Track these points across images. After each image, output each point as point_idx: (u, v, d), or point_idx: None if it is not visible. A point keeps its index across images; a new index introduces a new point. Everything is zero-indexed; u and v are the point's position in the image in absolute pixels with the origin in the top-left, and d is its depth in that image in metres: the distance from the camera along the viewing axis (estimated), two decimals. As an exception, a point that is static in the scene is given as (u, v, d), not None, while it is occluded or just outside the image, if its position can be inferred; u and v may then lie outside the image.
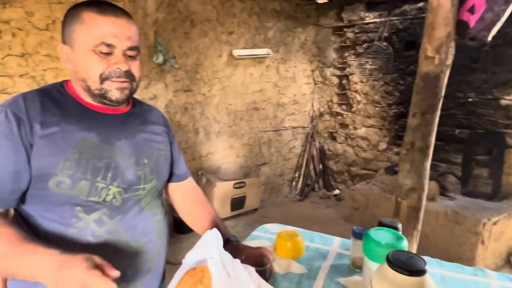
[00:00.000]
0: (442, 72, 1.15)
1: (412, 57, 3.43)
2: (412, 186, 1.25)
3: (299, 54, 4.34)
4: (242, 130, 4.07)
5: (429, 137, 1.20)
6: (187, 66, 3.54)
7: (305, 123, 4.59)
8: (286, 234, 1.28)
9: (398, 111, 3.64)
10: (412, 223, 1.28)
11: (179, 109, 3.59)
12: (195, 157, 3.78)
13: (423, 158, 1.22)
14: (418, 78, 1.21)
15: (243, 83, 3.97)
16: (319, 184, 4.56)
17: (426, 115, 1.20)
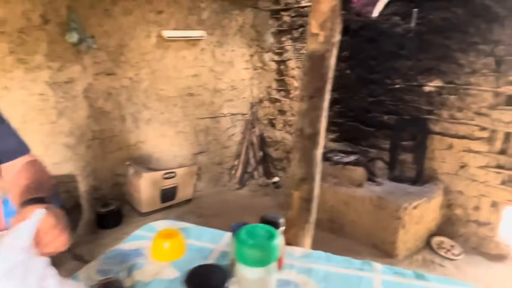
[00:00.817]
0: (328, 51, 1.05)
1: (346, 42, 3.38)
2: (303, 176, 1.17)
3: (236, 38, 4.16)
4: (176, 117, 3.85)
5: (318, 123, 1.11)
6: (109, 47, 3.24)
7: (244, 109, 4.46)
8: (164, 234, 1.15)
9: (332, 97, 3.61)
10: (304, 216, 1.20)
11: (101, 94, 3.29)
12: (122, 147, 3.52)
13: (313, 146, 1.13)
14: (306, 58, 1.11)
15: (175, 67, 3.73)
16: (259, 171, 4.48)
17: (314, 99, 1.11)
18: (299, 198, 1.19)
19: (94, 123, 3.29)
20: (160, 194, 3.35)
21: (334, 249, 2.86)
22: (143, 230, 1.30)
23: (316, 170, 1.16)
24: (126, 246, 1.18)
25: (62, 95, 3.05)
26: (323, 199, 3.09)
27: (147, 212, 3.34)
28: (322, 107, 1.07)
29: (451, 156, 2.92)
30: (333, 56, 1.04)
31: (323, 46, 1.04)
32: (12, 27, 2.69)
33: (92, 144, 3.31)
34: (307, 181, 1.17)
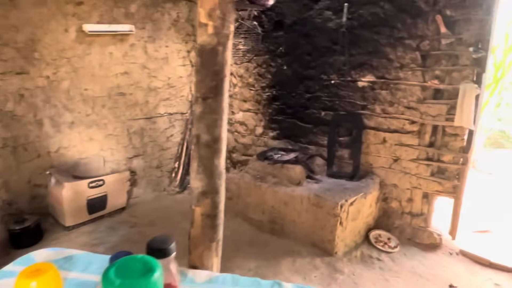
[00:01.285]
0: (220, 44, 0.92)
1: (281, 38, 3.31)
2: (203, 190, 1.02)
3: (171, 33, 3.92)
4: (105, 119, 3.54)
5: (216, 129, 0.97)
6: (17, 43, 2.86)
7: (183, 108, 4.24)
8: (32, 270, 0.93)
9: (271, 94, 3.53)
10: (209, 234, 1.06)
11: (10, 96, 2.90)
12: (41, 154, 3.14)
13: (212, 155, 0.99)
14: (197, 52, 0.97)
15: (101, 65, 3.41)
16: (202, 173, 4.29)
17: (209, 100, 0.97)
18: (201, 215, 1.04)
19: (3, 129, 2.89)
20: (86, 205, 3.04)
21: (274, 251, 2.79)
22: (17, 264, 1.07)
23: (219, 182, 1.01)
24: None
25: (-41, 98, 2.64)
26: (263, 200, 3.00)
27: (73, 225, 3.02)
28: (220, 109, 0.93)
29: (385, 150, 2.96)
30: (228, 50, 0.90)
31: (213, 39, 0.90)
32: None
33: (2, 153, 2.92)
34: (209, 195, 1.03)
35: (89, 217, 3.10)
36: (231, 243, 2.85)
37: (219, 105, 0.92)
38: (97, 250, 2.74)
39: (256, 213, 3.07)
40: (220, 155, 0.97)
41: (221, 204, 1.05)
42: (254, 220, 3.09)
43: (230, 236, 2.97)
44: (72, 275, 1.00)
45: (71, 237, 2.94)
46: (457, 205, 2.75)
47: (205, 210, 1.02)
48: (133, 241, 2.85)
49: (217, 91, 0.92)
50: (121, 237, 2.92)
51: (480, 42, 2.43)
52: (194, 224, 1.06)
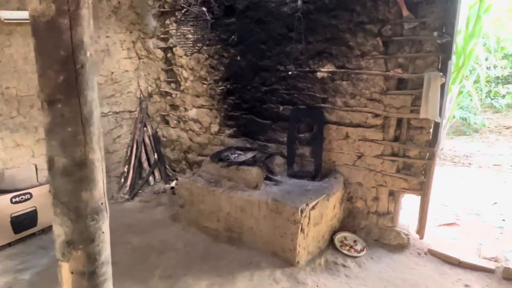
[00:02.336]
0: (63, 16, 0.58)
1: (233, 25, 2.98)
2: (70, 239, 0.71)
3: (112, 21, 3.48)
4: (35, 121, 3.07)
5: (76, 148, 0.64)
6: None
7: (132, 106, 3.83)
8: None
9: (225, 88, 3.20)
10: None
11: None
12: (-48, 166, 2.65)
13: (76, 187, 0.66)
14: (31, 31, 0.66)
15: (26, 58, 2.94)
16: (155, 176, 3.92)
17: (58, 104, 0.64)
18: (72, 273, 0.72)
19: None
20: (10, 223, 2.60)
21: (230, 264, 2.47)
22: None
23: (95, 225, 0.70)
24: None
25: None
26: (218, 206, 2.69)
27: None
28: (81, 117, 0.61)
29: (348, 146, 2.73)
30: (81, 24, 0.58)
31: (50, 6, 0.57)
32: None
33: None
34: (78, 245, 0.71)
35: (15, 236, 2.66)
36: (182, 258, 2.53)
37: (77, 111, 0.61)
38: (22, 277, 2.33)
39: (211, 221, 2.76)
40: (91, 185, 0.66)
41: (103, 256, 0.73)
42: (209, 229, 2.78)
43: (182, 249, 2.66)
44: None
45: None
46: (424, 202, 2.57)
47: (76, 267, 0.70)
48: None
49: (70, 90, 0.60)
50: (53, 258, 2.51)
51: (444, 26, 2.23)
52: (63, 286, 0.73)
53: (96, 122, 0.64)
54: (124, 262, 2.46)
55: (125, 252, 2.59)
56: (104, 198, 0.70)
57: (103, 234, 0.71)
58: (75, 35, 0.57)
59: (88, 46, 0.59)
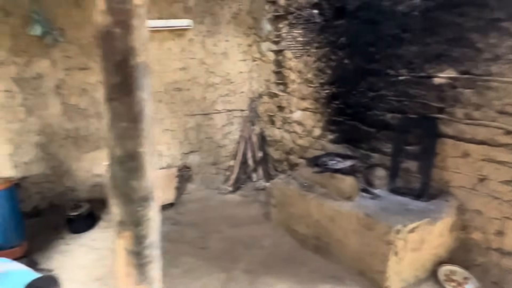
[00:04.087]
0: (118, 25, 0.64)
1: (342, 26, 2.86)
2: (121, 219, 0.78)
3: (231, 26, 3.77)
4: (161, 114, 3.59)
5: (128, 141, 0.71)
6: (81, 39, 3.03)
7: (243, 105, 4.08)
8: None
9: (331, 91, 3.11)
10: (134, 275, 0.82)
11: (75, 90, 3.11)
12: (100, 145, 3.32)
13: (127, 175, 0.73)
14: (96, 39, 0.73)
15: (160, 60, 3.45)
16: (259, 173, 4.08)
17: (114, 102, 0.72)
18: (124, 249, 0.82)
19: (68, 121, 3.12)
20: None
21: (312, 273, 2.42)
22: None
23: (143, 211, 0.77)
24: None
25: (30, 91, 2.91)
26: (308, 212, 2.64)
27: (122, 216, 3.11)
28: (133, 114, 0.68)
29: (467, 166, 2.31)
30: (133, 33, 0.65)
31: (107, 18, 0.65)
32: (-31, 21, 2.57)
33: (66, 143, 3.15)
34: (128, 227, 0.79)
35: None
36: (266, 257, 2.58)
37: (130, 109, 0.68)
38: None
39: (299, 226, 2.74)
40: (139, 175, 0.74)
41: (148, 239, 0.81)
42: (297, 233, 2.76)
43: (267, 248, 2.71)
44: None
45: (118, 228, 3.02)
46: None
47: (128, 245, 0.80)
48: (171, 240, 2.79)
49: (124, 90, 0.68)
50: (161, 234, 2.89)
51: None
52: (117, 259, 0.84)
53: (146, 119, 0.72)
54: (213, 249, 2.66)
55: (216, 240, 2.79)
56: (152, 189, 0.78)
57: (149, 221, 0.80)
58: (127, 42, 0.65)
59: (139, 52, 0.67)
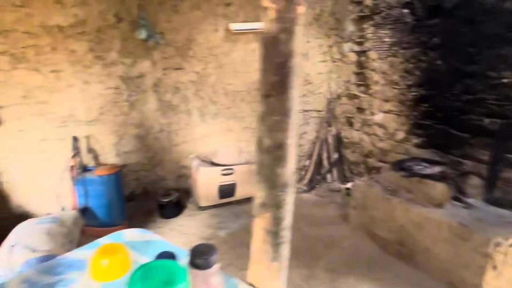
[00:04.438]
0: (284, 32, 0.73)
1: (436, 26, 2.75)
2: (263, 201, 0.87)
3: (313, 28, 3.82)
4: (243, 112, 3.76)
5: (279, 133, 0.79)
6: (177, 42, 3.31)
7: (320, 106, 4.10)
8: (106, 249, 1.01)
9: (419, 94, 2.99)
10: (269, 253, 0.90)
11: (169, 88, 3.40)
12: (188, 140, 3.59)
13: (273, 163, 0.82)
14: (260, 42, 0.81)
15: (244, 61, 3.63)
16: (333, 175, 4.08)
17: (270, 98, 0.80)
18: (262, 229, 0.91)
19: (162, 116, 3.43)
20: (218, 190, 3.31)
21: (396, 279, 2.38)
22: (109, 238, 1.20)
23: (282, 195, 0.85)
24: (76, 254, 1.09)
25: (133, 89, 3.25)
26: (392, 216, 2.59)
27: (205, 206, 3.35)
28: (284, 110, 0.77)
29: None
30: (294, 38, 0.73)
31: (276, 25, 0.74)
32: (91, 27, 2.96)
33: (160, 136, 3.47)
34: (269, 208, 0.88)
35: (219, 201, 3.37)
36: (346, 258, 2.59)
37: (283, 105, 0.77)
38: (219, 233, 2.95)
39: (381, 230, 2.69)
40: (284, 164, 0.82)
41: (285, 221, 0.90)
42: (378, 237, 2.71)
43: (347, 249, 2.71)
44: (142, 260, 1.05)
45: (202, 216, 3.26)
46: None
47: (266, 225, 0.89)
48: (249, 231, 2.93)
49: (281, 88, 0.77)
50: (241, 226, 3.06)
51: None
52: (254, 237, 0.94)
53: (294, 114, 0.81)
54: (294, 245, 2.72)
55: (296, 236, 2.84)
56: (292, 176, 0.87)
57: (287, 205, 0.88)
58: (289, 47, 0.74)
59: (297, 54, 0.76)
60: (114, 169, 2.87)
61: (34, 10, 2.75)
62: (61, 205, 3.02)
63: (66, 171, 2.91)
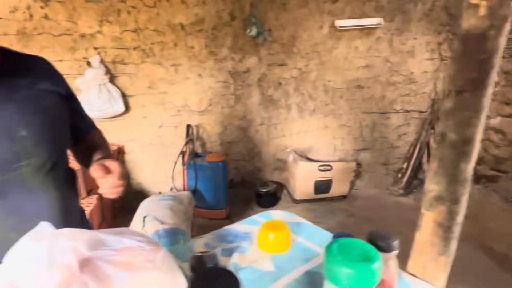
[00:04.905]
0: (493, 29, 0.70)
1: None
2: (439, 194, 0.85)
3: (421, 24, 3.62)
4: (341, 109, 3.74)
5: (468, 128, 0.76)
6: (283, 39, 3.43)
7: (422, 106, 3.88)
8: (272, 224, 1.12)
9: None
10: (438, 246, 0.88)
11: (272, 83, 3.54)
12: (285, 134, 3.70)
13: (457, 158, 0.79)
14: (457, 39, 0.78)
15: (346, 58, 3.60)
16: (433, 180, 3.83)
17: (464, 94, 0.77)
18: (432, 221, 0.91)
19: (264, 110, 3.58)
20: (314, 185, 3.36)
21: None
22: (260, 216, 1.32)
23: (461, 190, 0.84)
24: (239, 227, 1.22)
25: (240, 83, 3.46)
26: None
27: (300, 200, 3.42)
28: (479, 106, 0.75)
29: None
30: (502, 35, 0.70)
31: (484, 22, 0.72)
32: (208, 25, 3.22)
33: (260, 129, 3.63)
34: (445, 202, 0.87)
35: (314, 196, 3.41)
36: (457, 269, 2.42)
37: (478, 101, 0.76)
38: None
39: (498, 244, 2.47)
40: (469, 159, 0.81)
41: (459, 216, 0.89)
42: (494, 251, 2.49)
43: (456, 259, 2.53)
44: (298, 239, 1.14)
45: (297, 209, 3.33)
46: None
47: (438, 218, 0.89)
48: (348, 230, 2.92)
49: (478, 84, 0.75)
50: (338, 223, 3.06)
51: None
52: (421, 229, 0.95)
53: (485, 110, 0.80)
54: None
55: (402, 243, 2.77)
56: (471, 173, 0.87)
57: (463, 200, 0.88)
58: (496, 44, 0.74)
59: (501, 52, 0.75)
60: (222, 157, 3.09)
61: (162, 9, 3.08)
62: (171, 186, 3.35)
63: (179, 156, 3.22)
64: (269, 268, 0.98)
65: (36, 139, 0.81)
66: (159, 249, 0.79)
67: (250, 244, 1.11)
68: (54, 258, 0.66)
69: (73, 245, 0.70)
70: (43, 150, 0.83)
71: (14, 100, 0.79)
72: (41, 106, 0.83)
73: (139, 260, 0.75)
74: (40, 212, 0.84)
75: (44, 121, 0.83)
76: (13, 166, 0.78)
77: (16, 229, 0.77)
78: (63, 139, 0.91)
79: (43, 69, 0.90)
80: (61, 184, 0.90)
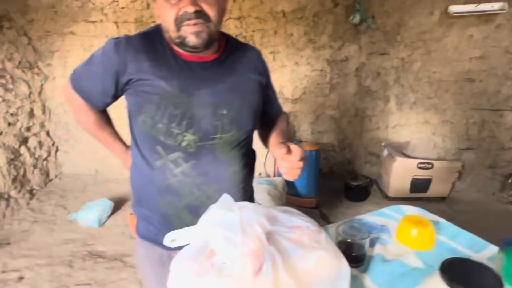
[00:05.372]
0: None
1: None
2: None
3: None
4: (445, 104, 3.44)
5: None
6: (386, 27, 3.25)
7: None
8: (413, 220, 1.07)
9: None
10: None
11: (370, 73, 3.39)
12: (380, 127, 3.53)
13: None
14: None
15: (456, 47, 3.28)
16: (553, 189, 3.35)
17: None
18: None
19: (359, 100, 3.46)
20: (410, 183, 3.17)
21: None
22: (390, 210, 1.28)
23: None
24: (371, 219, 1.20)
25: (337, 72, 3.38)
26: None
27: (393, 197, 3.25)
28: None
29: None
30: None
31: None
32: (309, 12, 3.18)
33: (353, 120, 3.52)
34: None
35: (409, 195, 3.22)
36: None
37: None
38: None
39: None
40: None
41: None
42: None
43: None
44: (441, 238, 1.07)
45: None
46: None
47: None
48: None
49: None
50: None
51: None
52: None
53: None
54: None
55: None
56: None
57: None
58: None
59: None
60: (315, 146, 3.07)
61: (265, -3, 3.12)
62: (261, 171, 3.44)
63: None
64: (417, 264, 0.95)
65: (233, 118, 0.94)
66: (321, 230, 0.81)
67: (389, 237, 1.08)
68: (246, 228, 0.71)
69: (258, 218, 0.75)
70: (236, 128, 0.95)
71: (226, 82, 0.93)
72: (244, 92, 0.97)
73: (307, 239, 0.78)
74: (220, 181, 0.97)
75: (243, 105, 0.96)
76: (210, 136, 0.92)
77: (200, 188, 0.95)
78: (253, 121, 1.01)
79: (255, 59, 1.02)
80: (242, 160, 1.02)
